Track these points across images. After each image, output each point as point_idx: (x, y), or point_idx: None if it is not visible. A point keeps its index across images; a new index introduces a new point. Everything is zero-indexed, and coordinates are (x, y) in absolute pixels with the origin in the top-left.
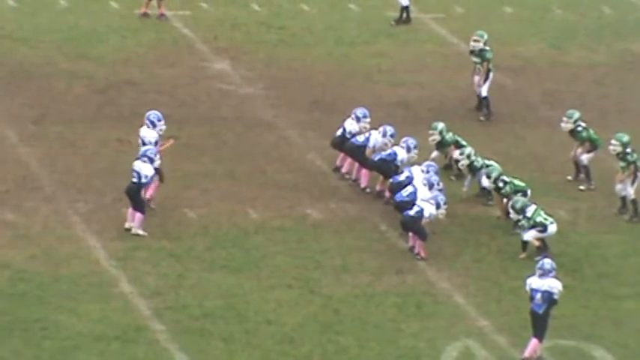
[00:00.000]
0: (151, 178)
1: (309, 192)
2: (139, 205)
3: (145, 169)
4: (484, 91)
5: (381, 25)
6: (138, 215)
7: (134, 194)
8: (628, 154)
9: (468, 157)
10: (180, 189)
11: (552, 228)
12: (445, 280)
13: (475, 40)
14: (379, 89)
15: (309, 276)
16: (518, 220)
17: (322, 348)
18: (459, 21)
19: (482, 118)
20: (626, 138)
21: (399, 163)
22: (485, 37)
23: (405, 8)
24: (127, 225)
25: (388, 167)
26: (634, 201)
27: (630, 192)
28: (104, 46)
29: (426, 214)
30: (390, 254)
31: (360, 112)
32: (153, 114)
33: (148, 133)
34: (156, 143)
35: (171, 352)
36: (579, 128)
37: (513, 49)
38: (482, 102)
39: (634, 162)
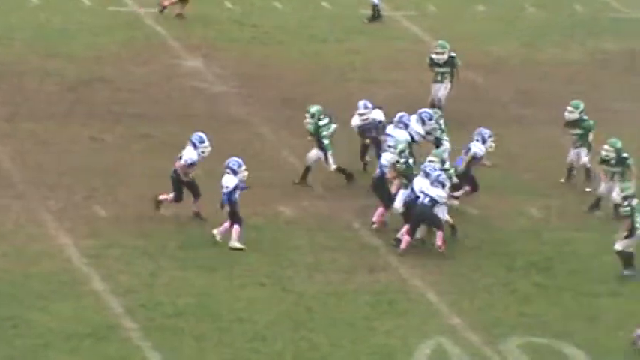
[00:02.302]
0: (233, 189)
1: (282, 190)
2: (234, 217)
3: (227, 181)
4: (444, 99)
5: (354, 23)
6: (235, 227)
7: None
8: (626, 158)
9: (400, 153)
10: (153, 187)
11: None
12: (418, 278)
13: (438, 53)
14: (352, 87)
15: (281, 274)
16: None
17: (294, 346)
18: (431, 19)
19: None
20: (619, 144)
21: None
22: (448, 46)
23: (375, 6)
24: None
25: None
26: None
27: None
28: (76, 44)
29: (438, 199)
30: (363, 252)
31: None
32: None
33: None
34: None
35: (143, 350)
36: (585, 117)
37: (486, 47)
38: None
39: (629, 166)
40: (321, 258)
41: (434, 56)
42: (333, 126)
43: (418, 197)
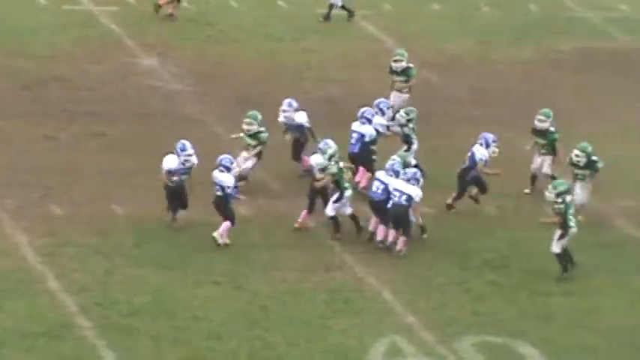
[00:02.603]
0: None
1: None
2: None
3: (225, 179)
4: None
5: (310, 22)
6: (227, 223)
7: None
8: (596, 162)
9: (330, 158)
10: (108, 185)
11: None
12: (373, 277)
13: (397, 61)
14: (307, 86)
15: (236, 272)
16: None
17: (249, 344)
18: (387, 18)
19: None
20: (589, 148)
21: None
22: (406, 55)
23: (331, 5)
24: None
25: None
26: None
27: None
28: (32, 43)
29: (415, 198)
30: (318, 251)
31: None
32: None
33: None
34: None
35: (98, 349)
36: (552, 129)
37: (441, 45)
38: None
39: (599, 169)
40: (276, 256)
41: (392, 64)
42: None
43: (385, 196)
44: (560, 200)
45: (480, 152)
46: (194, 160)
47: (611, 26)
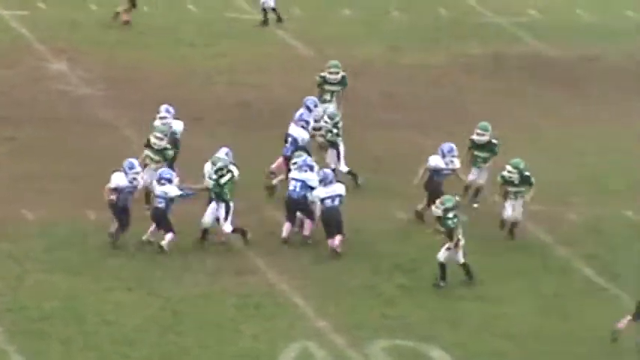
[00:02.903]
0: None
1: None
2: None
3: (169, 190)
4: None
5: (221, 27)
6: (171, 235)
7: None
8: (530, 177)
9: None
10: (18, 190)
11: None
12: (285, 282)
13: (332, 73)
14: (218, 90)
15: (148, 277)
16: None
17: (162, 349)
18: (297, 22)
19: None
20: (522, 164)
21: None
22: (340, 65)
23: (263, 10)
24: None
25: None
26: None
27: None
28: None
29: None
30: (230, 254)
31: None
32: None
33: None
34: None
35: (8, 354)
36: (494, 141)
37: (351, 50)
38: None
39: (533, 184)
40: (188, 260)
41: (328, 75)
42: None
43: (304, 192)
44: (450, 215)
45: (434, 160)
46: (140, 179)
47: (520, 31)
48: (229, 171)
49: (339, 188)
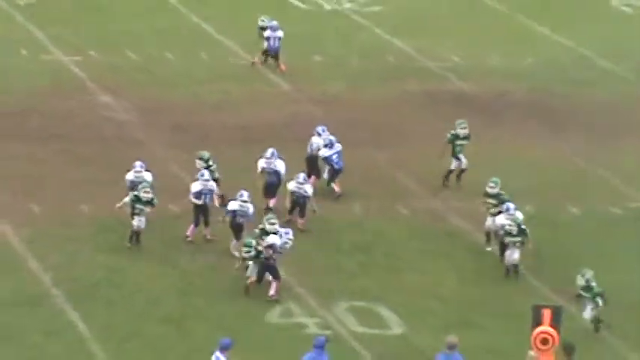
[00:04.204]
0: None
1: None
2: None
3: None
4: None
5: (225, 69)
6: None
7: None
8: (502, 194)
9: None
10: (74, 190)
11: None
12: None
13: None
14: (222, 116)
15: (171, 255)
16: None
17: (180, 309)
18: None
19: None
20: (499, 182)
21: None
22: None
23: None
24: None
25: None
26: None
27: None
28: (14, 83)
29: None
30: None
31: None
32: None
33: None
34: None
35: (67, 312)
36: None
37: (321, 86)
38: None
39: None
40: (200, 244)
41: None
42: None
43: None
44: None
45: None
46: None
47: (447, 73)
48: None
49: (308, 188)
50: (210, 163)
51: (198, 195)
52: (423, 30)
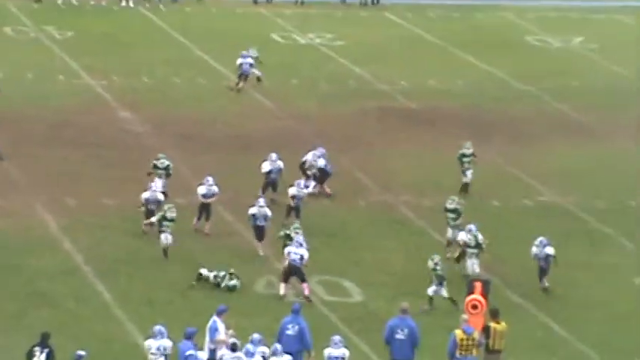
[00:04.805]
0: None
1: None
2: None
3: None
4: None
5: (220, 91)
6: None
7: None
8: (459, 209)
9: None
10: (101, 187)
11: None
12: (258, 247)
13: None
14: (223, 127)
15: (185, 247)
16: None
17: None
18: (267, 87)
19: None
20: (455, 198)
21: None
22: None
23: (243, 75)
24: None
25: None
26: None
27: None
28: (50, 103)
29: None
30: (232, 240)
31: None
32: None
33: None
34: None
35: (96, 284)
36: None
37: (295, 103)
38: None
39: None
40: (205, 241)
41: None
42: None
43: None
44: None
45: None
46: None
47: (395, 93)
48: None
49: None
50: (169, 169)
51: (204, 196)
52: (377, 60)
